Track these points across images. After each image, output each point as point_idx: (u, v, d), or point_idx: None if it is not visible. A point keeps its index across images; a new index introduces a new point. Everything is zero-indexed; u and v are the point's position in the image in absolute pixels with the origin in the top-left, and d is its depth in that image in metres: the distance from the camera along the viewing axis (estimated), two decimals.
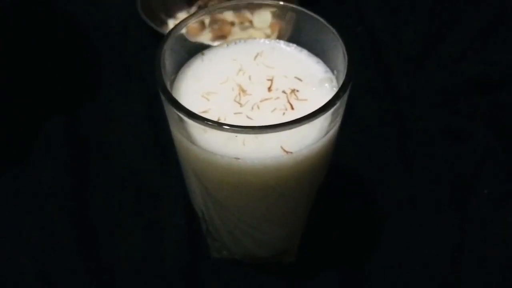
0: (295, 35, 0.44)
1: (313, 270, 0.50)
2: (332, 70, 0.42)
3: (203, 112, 0.39)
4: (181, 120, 0.35)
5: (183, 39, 0.42)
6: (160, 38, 0.40)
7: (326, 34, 0.40)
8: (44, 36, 0.70)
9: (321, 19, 0.41)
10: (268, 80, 0.41)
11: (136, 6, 0.71)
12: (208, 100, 0.40)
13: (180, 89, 0.41)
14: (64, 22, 0.72)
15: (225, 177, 0.38)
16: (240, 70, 0.41)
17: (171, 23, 0.74)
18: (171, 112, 0.36)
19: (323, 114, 0.34)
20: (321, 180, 0.43)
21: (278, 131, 0.33)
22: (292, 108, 0.39)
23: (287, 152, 0.36)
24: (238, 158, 0.36)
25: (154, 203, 0.55)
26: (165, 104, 0.36)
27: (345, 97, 0.36)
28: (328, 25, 0.40)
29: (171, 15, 0.74)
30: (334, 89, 0.41)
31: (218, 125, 0.33)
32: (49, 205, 0.54)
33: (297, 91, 0.40)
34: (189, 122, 0.34)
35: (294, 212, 0.44)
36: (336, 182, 0.50)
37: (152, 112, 0.62)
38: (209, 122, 0.34)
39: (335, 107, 0.35)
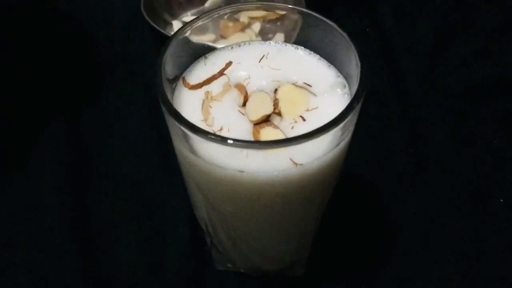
0: (303, 38, 0.41)
1: (323, 284, 0.47)
2: (343, 74, 0.39)
3: (205, 121, 0.36)
4: (182, 131, 0.33)
5: (186, 42, 0.39)
6: (164, 40, 0.38)
7: (337, 38, 0.38)
8: (44, 38, 0.68)
9: (332, 23, 0.38)
10: (274, 81, 0.39)
11: (140, 7, 0.68)
12: (211, 107, 0.37)
13: (181, 96, 0.38)
14: (65, 24, 0.70)
15: (228, 190, 0.36)
16: (244, 74, 0.39)
17: (175, 24, 0.72)
18: (171, 123, 0.34)
19: (336, 127, 0.32)
20: (332, 191, 0.41)
21: (287, 146, 0.31)
22: (304, 119, 0.36)
23: (296, 164, 0.33)
24: (243, 171, 0.33)
25: (157, 212, 0.53)
26: (165, 115, 0.34)
27: (358, 107, 0.34)
28: (339, 29, 0.38)
29: (175, 16, 0.72)
30: (346, 95, 0.38)
31: (221, 139, 0.31)
32: (48, 214, 0.52)
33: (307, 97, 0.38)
34: (191, 134, 0.32)
35: (303, 226, 0.42)
36: (346, 190, 0.47)
37: (155, 116, 0.59)
38: (211, 136, 0.31)
39: (348, 118, 0.33)
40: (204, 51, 0.41)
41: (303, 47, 0.41)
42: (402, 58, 0.65)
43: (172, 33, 0.40)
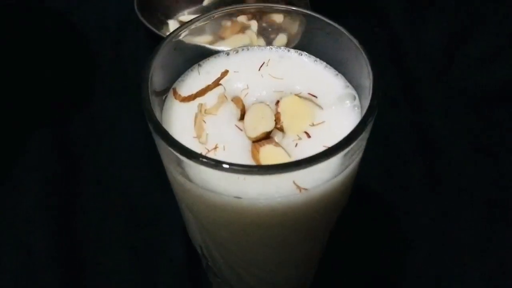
0: (308, 43, 0.37)
1: None
2: (353, 84, 0.35)
3: (198, 138, 0.32)
4: (172, 153, 0.29)
5: (178, 46, 0.35)
6: (158, 41, 0.34)
7: (346, 43, 0.34)
8: (30, 37, 0.64)
9: (340, 27, 0.34)
10: (276, 92, 0.35)
11: (133, 5, 0.65)
12: (205, 122, 0.33)
13: (171, 109, 0.34)
14: (56, 23, 0.66)
15: (224, 217, 0.32)
16: (242, 85, 0.35)
17: (172, 24, 0.68)
18: (159, 143, 0.30)
19: (347, 148, 0.28)
20: (340, 212, 0.37)
21: (289, 172, 0.27)
22: (308, 136, 0.32)
23: (301, 189, 0.29)
24: (240, 197, 0.29)
25: (149, 228, 0.50)
26: (153, 134, 0.30)
27: (371, 123, 0.30)
28: (348, 34, 0.34)
29: (172, 15, 0.68)
30: (357, 108, 0.34)
31: (215, 164, 0.27)
32: (31, 229, 0.48)
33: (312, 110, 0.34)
34: (181, 157, 0.28)
35: (306, 252, 0.38)
36: (355, 205, 0.43)
37: None
38: (203, 160, 0.27)
39: (360, 136, 0.28)
40: (199, 57, 0.37)
41: (307, 53, 0.37)
42: (413, 59, 0.61)
43: (168, 33, 0.36)
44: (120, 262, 0.47)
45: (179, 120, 0.34)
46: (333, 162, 0.29)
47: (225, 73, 0.36)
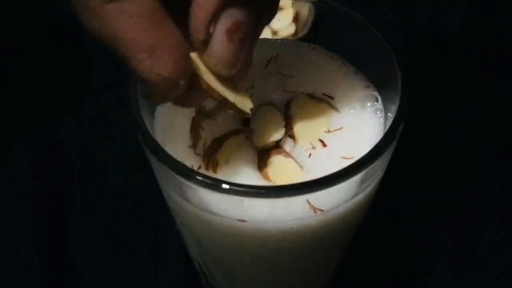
0: (321, 35, 0.32)
1: None
2: (374, 84, 0.31)
3: (194, 148, 0.28)
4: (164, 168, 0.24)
5: None
6: None
7: (367, 36, 0.29)
8: (18, 33, 0.59)
9: (359, 17, 0.29)
10: (286, 92, 0.30)
11: None
12: (202, 129, 0.28)
13: (164, 113, 0.30)
14: (42, 15, 0.61)
15: (227, 240, 0.27)
16: (247, 83, 0.30)
17: None
18: (150, 156, 0.25)
19: (371, 165, 0.23)
20: (355, 232, 0.32)
21: (302, 194, 0.22)
22: (324, 145, 0.27)
23: (316, 210, 0.25)
24: (244, 221, 0.25)
25: (146, 239, 0.45)
26: (142, 145, 0.25)
27: (399, 133, 0.25)
28: (369, 25, 0.29)
29: None
30: (379, 113, 0.29)
31: (212, 184, 0.23)
32: (19, 239, 0.44)
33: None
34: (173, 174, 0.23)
35: (318, 274, 0.33)
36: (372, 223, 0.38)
37: None
38: (199, 178, 0.23)
39: (387, 150, 0.24)
40: None
41: (322, 47, 0.32)
42: (432, 47, 0.56)
43: None
44: (114, 275, 0.43)
45: (173, 126, 0.30)
46: (355, 180, 0.24)
47: None
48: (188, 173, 0.23)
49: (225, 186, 0.23)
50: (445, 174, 0.46)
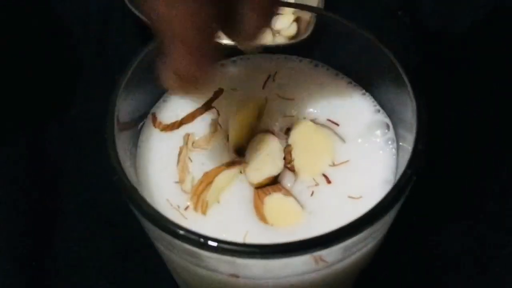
0: (324, 51, 0.29)
1: None
2: (385, 107, 0.27)
3: (181, 184, 0.25)
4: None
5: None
6: (150, 34, 0.26)
7: (376, 54, 0.26)
8: (6, 35, 0.56)
9: (368, 34, 0.26)
10: (285, 117, 0.27)
11: None
12: (191, 160, 0.25)
13: (149, 142, 0.27)
14: (26, 11, 0.57)
15: None
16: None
17: None
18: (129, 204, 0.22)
19: (385, 216, 0.20)
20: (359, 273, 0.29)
21: (302, 255, 0.19)
22: (328, 181, 0.24)
23: (319, 261, 0.21)
24: (237, 276, 0.21)
25: (135, 258, 0.42)
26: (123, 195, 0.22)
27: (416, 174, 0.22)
28: (378, 41, 0.26)
29: None
30: (390, 143, 0.26)
31: (197, 242, 0.20)
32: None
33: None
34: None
35: None
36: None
37: None
38: (181, 232, 0.20)
39: (404, 196, 0.21)
40: None
41: (325, 65, 0.29)
42: (443, 47, 0.52)
43: None
44: None
45: (159, 156, 0.27)
46: (366, 232, 0.21)
47: (219, 92, 0.27)
48: (171, 229, 0.20)
49: (212, 243, 0.19)
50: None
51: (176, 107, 0.28)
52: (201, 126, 0.27)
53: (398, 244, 0.37)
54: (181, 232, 0.20)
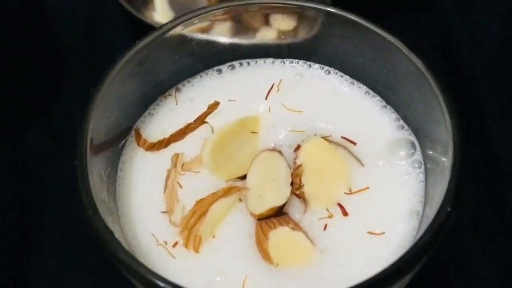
0: (337, 55, 0.25)
1: None
2: (410, 123, 0.23)
3: (169, 214, 0.21)
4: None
5: (147, 58, 0.24)
6: (142, 29, 0.27)
7: (398, 60, 0.22)
8: None
9: (388, 35, 0.22)
10: (293, 133, 0.24)
11: None
12: (181, 186, 0.21)
13: (132, 162, 0.23)
14: (15, 7, 0.55)
15: None
16: (242, 123, 0.23)
17: (159, 5, 0.56)
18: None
19: (413, 270, 0.16)
20: None
21: None
22: (345, 212, 0.20)
23: None
24: None
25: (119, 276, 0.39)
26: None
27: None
28: (401, 45, 0.22)
29: None
30: (418, 168, 0.22)
31: None
32: None
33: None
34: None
35: None
36: None
37: None
38: (162, 285, 0.16)
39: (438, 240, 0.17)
40: (177, 75, 0.25)
41: (339, 72, 0.25)
42: (464, 49, 0.49)
43: (155, 18, 0.30)
44: None
45: (143, 181, 0.23)
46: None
47: (215, 105, 0.24)
48: (151, 282, 0.16)
49: None
50: None
51: (163, 121, 0.25)
52: (192, 144, 0.24)
53: None
54: (163, 285, 0.16)
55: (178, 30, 0.24)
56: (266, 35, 0.28)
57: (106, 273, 0.39)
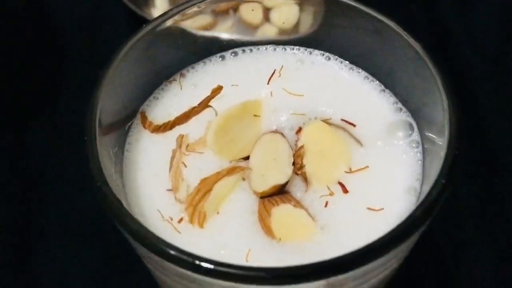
0: (337, 41, 0.26)
1: None
2: (408, 105, 0.24)
3: (174, 192, 0.22)
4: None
5: (153, 45, 0.24)
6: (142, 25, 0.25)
7: (397, 45, 0.23)
8: None
9: (388, 20, 0.23)
10: (294, 115, 0.24)
11: None
12: (185, 166, 0.22)
13: (138, 144, 0.24)
14: (15, 6, 0.55)
15: None
16: (245, 107, 0.24)
17: (160, 3, 0.57)
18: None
19: (412, 236, 0.17)
20: None
21: (318, 280, 0.16)
22: (345, 190, 0.21)
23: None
24: None
25: (122, 274, 0.39)
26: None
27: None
28: (401, 30, 0.22)
29: None
30: (415, 147, 0.23)
31: (192, 264, 0.17)
32: None
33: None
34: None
35: None
36: None
37: None
38: (173, 253, 0.17)
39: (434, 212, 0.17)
40: (181, 62, 0.26)
41: (338, 57, 0.26)
42: (460, 43, 0.49)
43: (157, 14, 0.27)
44: None
45: (149, 161, 0.24)
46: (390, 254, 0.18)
47: (218, 89, 0.24)
48: (160, 248, 0.17)
49: (208, 266, 0.16)
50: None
51: (168, 105, 0.25)
52: (196, 127, 0.24)
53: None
54: (172, 252, 0.17)
55: (181, 18, 0.25)
56: (267, 31, 0.29)
57: (106, 273, 0.39)
